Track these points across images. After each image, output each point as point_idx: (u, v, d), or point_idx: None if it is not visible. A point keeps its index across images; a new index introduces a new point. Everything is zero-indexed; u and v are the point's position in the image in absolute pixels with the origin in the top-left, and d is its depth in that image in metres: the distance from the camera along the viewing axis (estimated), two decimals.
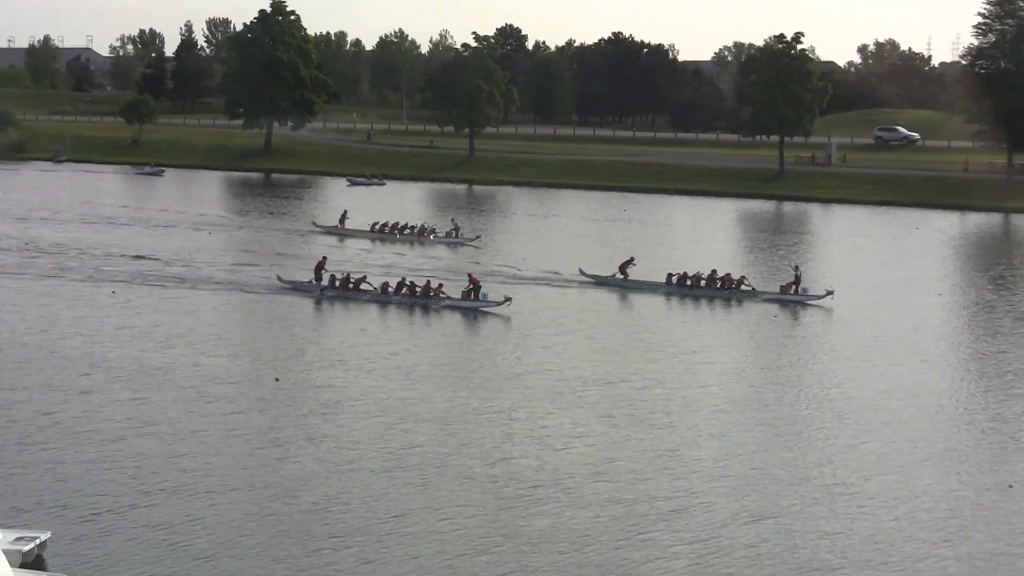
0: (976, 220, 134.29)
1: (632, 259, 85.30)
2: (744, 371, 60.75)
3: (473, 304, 73.75)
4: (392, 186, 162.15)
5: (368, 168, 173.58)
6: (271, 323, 69.97)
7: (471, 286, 74.98)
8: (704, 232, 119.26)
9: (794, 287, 78.76)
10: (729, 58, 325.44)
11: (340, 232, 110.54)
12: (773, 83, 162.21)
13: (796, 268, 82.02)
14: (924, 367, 61.78)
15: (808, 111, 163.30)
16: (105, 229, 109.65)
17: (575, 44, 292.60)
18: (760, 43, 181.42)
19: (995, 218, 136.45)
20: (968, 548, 37.17)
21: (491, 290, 75.70)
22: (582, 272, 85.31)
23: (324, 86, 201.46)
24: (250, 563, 34.96)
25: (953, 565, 36.00)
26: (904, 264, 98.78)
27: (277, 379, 55.45)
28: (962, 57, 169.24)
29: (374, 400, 52.24)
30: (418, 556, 35.69)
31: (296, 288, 78.45)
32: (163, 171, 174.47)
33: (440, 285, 75.57)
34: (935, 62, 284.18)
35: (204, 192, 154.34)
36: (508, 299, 72.92)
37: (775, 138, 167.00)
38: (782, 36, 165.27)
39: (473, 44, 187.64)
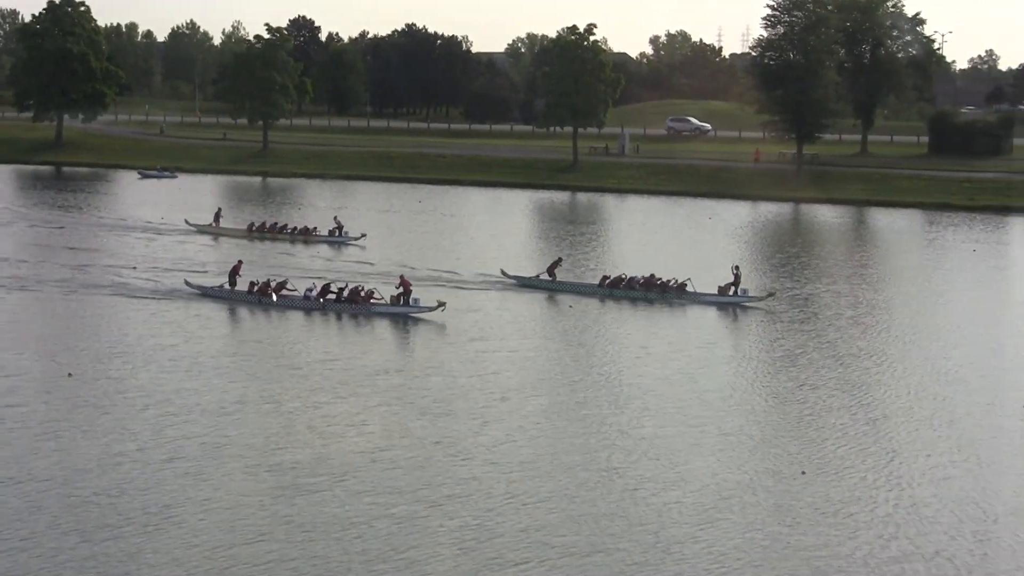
0: (767, 209, 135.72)
1: (560, 259, 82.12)
2: (532, 359, 60.59)
3: (403, 309, 68.89)
4: (185, 179, 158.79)
5: (161, 161, 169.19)
6: (107, 323, 66.61)
7: (401, 289, 70.04)
8: (501, 223, 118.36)
9: (733, 288, 75.36)
10: (522, 49, 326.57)
11: (214, 231, 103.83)
12: (566, 74, 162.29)
13: (736, 268, 77.15)
14: (716, 357, 62.38)
15: (601, 102, 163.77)
16: None
17: (369, 35, 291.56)
18: (553, 34, 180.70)
19: (785, 208, 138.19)
20: (754, 532, 37.39)
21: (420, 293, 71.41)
22: (504, 273, 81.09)
23: (115, 78, 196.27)
24: (25, 556, 34.18)
25: (731, 547, 36.33)
26: (696, 253, 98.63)
27: (70, 374, 53.64)
28: (752, 48, 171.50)
29: (159, 392, 51.17)
30: (191, 546, 35.13)
31: (206, 293, 73.14)
32: None
33: (372, 290, 70.62)
34: (726, 53, 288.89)
35: None
36: (442, 304, 68.07)
37: (569, 129, 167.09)
38: (575, 28, 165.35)
39: (266, 36, 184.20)
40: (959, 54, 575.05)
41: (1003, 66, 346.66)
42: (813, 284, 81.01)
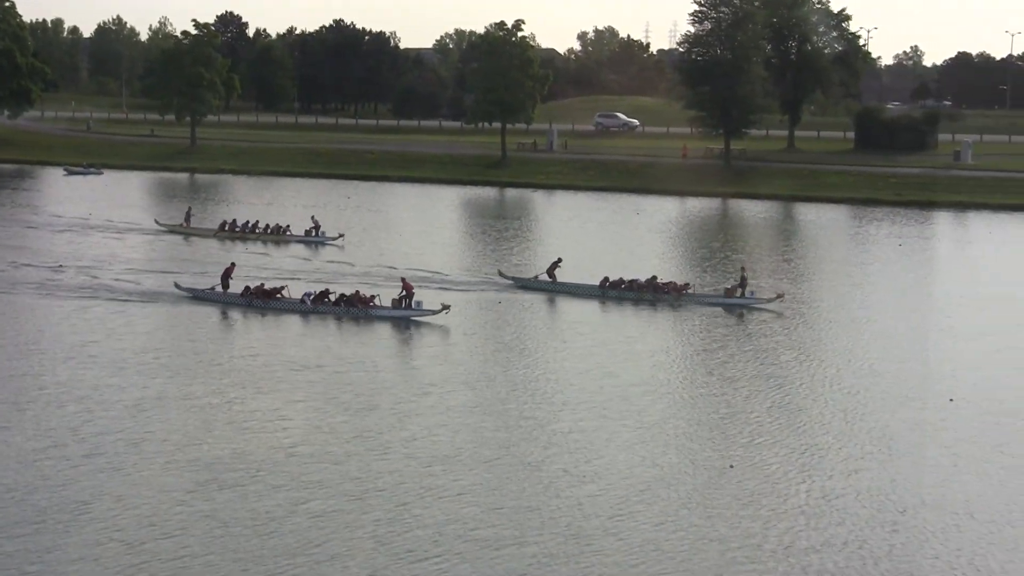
0: (694, 205, 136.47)
1: (559, 260, 79.64)
2: (457, 354, 60.92)
3: (405, 312, 67.56)
4: (112, 176, 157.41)
5: (88, 158, 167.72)
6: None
7: (404, 292, 68.57)
8: (429, 219, 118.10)
9: (740, 289, 74.24)
10: (450, 45, 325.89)
11: (185, 231, 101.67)
12: (494, 70, 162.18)
13: (742, 270, 76.72)
14: (637, 351, 62.90)
15: (529, 98, 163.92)
16: None
17: (296, 31, 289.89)
18: (481, 30, 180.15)
19: (713, 203, 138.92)
20: (670, 524, 37.66)
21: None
22: (501, 274, 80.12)
23: (41, 74, 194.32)
24: None
25: (646, 539, 36.62)
26: (624, 248, 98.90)
27: None
28: (679, 44, 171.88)
29: (79, 389, 50.91)
30: (108, 541, 35.01)
31: (197, 296, 71.57)
32: None
33: (372, 295, 68.86)
34: (653, 49, 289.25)
35: None
36: (446, 307, 66.77)
37: (497, 125, 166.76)
38: (503, 23, 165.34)
39: (193, 32, 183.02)
40: (884, 50, 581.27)
41: (928, 62, 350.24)
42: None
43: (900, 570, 34.67)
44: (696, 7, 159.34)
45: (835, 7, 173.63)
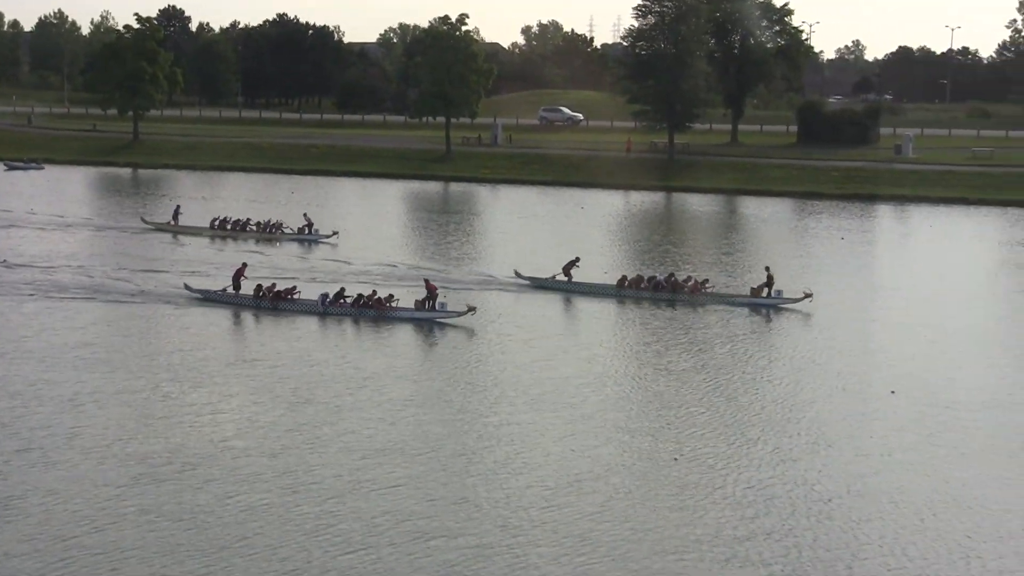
0: (638, 199, 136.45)
1: (577, 259, 78.24)
2: (396, 347, 60.97)
3: (429, 315, 66.02)
4: (53, 170, 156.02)
5: (29, 152, 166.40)
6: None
7: (427, 294, 67.05)
8: (373, 214, 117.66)
9: (767, 289, 73.05)
10: (394, 39, 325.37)
11: (174, 229, 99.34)
12: (438, 64, 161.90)
13: (768, 269, 74.80)
14: (574, 344, 63.28)
15: (474, 92, 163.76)
16: None
17: (240, 25, 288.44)
18: (425, 24, 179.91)
19: (657, 196, 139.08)
20: (609, 513, 38.11)
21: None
22: (518, 274, 78.34)
23: None
24: None
25: (579, 529, 36.99)
26: (572, 243, 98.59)
27: None
28: (623, 38, 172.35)
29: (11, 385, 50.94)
30: (38, 536, 35.14)
31: (209, 298, 69.99)
32: None
33: (390, 295, 67.40)
34: (598, 43, 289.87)
35: None
36: (472, 308, 65.24)
37: (442, 119, 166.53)
38: (447, 18, 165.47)
39: (135, 26, 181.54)
40: (826, 44, 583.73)
41: (869, 56, 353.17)
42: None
43: (824, 558, 35.08)
44: (640, 1, 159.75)
45: (777, 2, 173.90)
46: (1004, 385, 55.58)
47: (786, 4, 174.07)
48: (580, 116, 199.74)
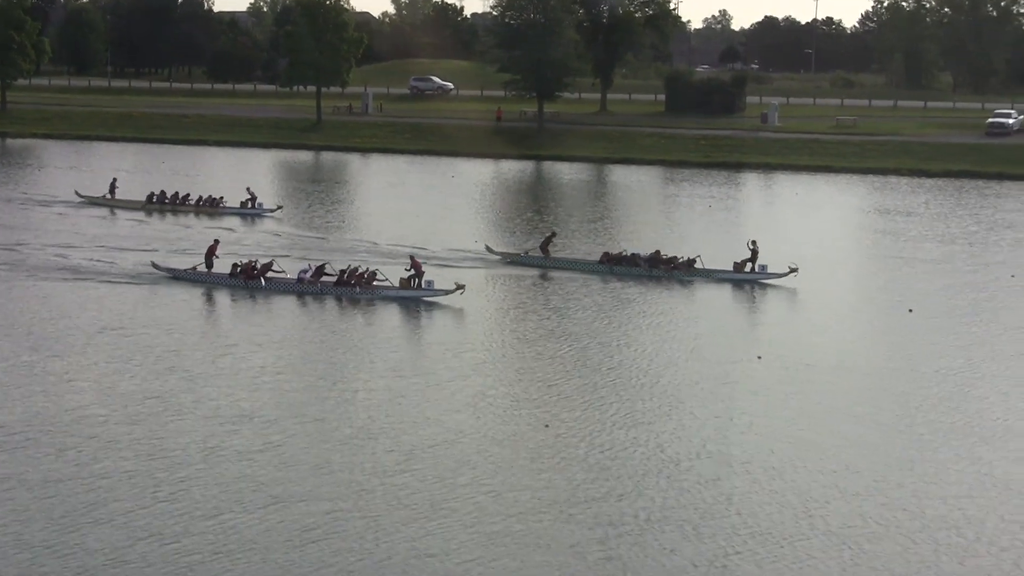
0: (509, 167, 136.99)
1: (554, 234, 78.32)
2: (259, 318, 61.66)
3: (415, 293, 64.14)
4: None
5: None
6: None
7: (412, 271, 65.28)
8: (250, 181, 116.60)
9: (751, 264, 72.28)
10: (264, 8, 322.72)
11: (109, 203, 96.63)
12: (309, 34, 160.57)
13: (753, 243, 73.18)
14: (451, 314, 63.42)
15: (344, 61, 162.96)
16: None
17: None
18: None
19: (527, 165, 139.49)
20: (484, 477, 38.70)
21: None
22: (489, 249, 77.19)
23: None
24: None
25: (423, 494, 37.51)
26: (444, 212, 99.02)
27: None
28: (492, 8, 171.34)
29: None
30: None
31: (178, 276, 67.94)
32: None
33: (374, 272, 65.49)
34: (467, 13, 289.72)
35: None
36: (461, 286, 63.20)
37: (312, 88, 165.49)
38: None
39: None
40: (693, 14, 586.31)
41: (735, 26, 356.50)
42: (552, 240, 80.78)
43: (671, 517, 35.84)
44: None
45: None
46: (861, 349, 56.92)
47: None
48: (450, 85, 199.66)
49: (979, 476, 39.76)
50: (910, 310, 63.96)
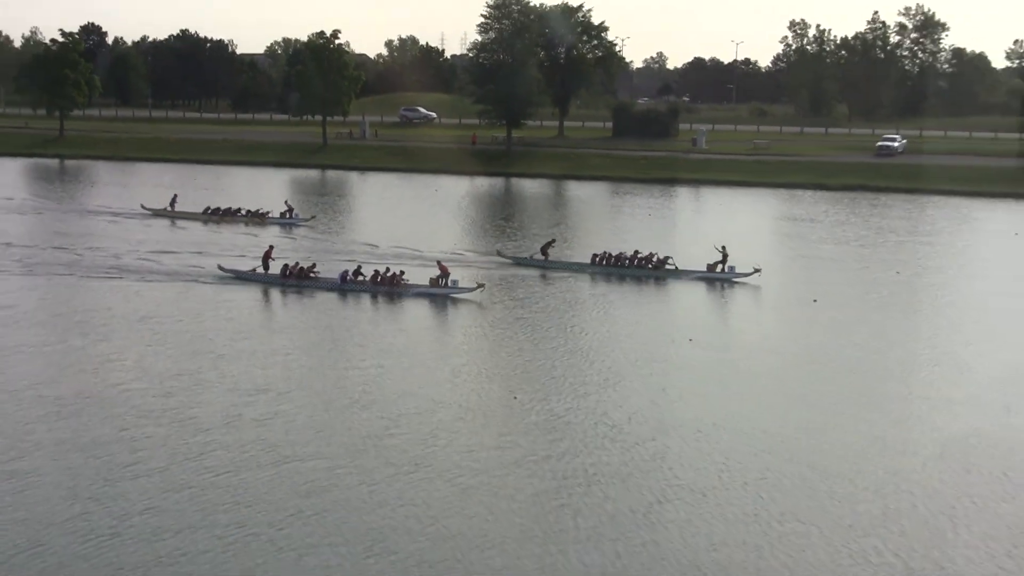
0: (483, 183, 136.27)
1: (553, 240, 77.28)
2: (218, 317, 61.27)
3: (443, 291, 63.50)
4: None
5: None
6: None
7: (440, 273, 64.67)
8: (274, 195, 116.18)
9: (721, 265, 71.35)
10: (279, 51, 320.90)
11: (170, 215, 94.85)
12: (316, 72, 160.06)
13: (723, 248, 72.43)
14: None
15: (345, 95, 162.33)
16: None
17: (149, 39, 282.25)
18: (305, 39, 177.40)
19: (498, 181, 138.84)
20: (455, 443, 38.84)
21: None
22: (500, 254, 76.40)
23: None
24: None
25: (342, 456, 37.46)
26: (426, 220, 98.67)
27: None
28: (469, 50, 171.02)
29: None
30: None
31: (240, 277, 67.29)
32: None
33: (402, 272, 64.90)
34: (448, 54, 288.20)
35: None
36: (481, 285, 63.45)
37: (319, 117, 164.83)
38: (323, 33, 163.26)
39: (60, 39, 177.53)
40: (635, 55, 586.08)
41: (670, 65, 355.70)
42: (518, 244, 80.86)
43: (613, 472, 36.02)
44: (483, 19, 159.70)
45: (595, 20, 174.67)
46: (775, 332, 57.20)
47: (603, 22, 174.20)
48: (434, 115, 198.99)
49: (866, 436, 39.96)
50: (815, 300, 64.17)
